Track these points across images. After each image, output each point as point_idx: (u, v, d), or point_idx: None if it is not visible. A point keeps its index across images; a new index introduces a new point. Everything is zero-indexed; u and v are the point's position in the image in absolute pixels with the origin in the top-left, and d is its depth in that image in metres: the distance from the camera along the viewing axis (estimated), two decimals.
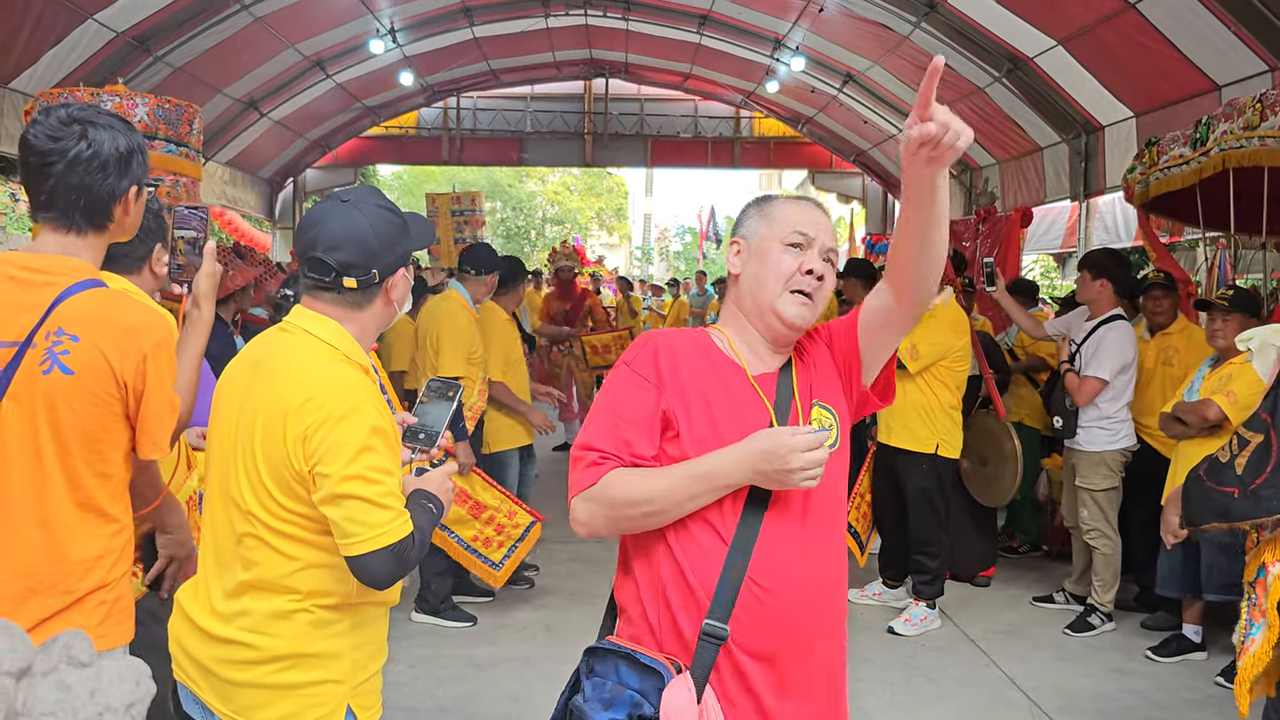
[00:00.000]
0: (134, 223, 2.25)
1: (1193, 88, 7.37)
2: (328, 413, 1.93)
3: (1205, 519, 2.54)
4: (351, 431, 1.93)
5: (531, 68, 15.46)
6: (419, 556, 2.01)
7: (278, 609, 1.99)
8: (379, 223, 2.06)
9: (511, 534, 4.55)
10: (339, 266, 2.02)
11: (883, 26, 10.12)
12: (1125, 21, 7.38)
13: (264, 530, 1.99)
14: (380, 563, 1.92)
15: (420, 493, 2.13)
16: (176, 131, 6.42)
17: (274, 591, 1.99)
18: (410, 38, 12.49)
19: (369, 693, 2.10)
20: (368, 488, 1.91)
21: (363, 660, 2.07)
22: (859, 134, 14.38)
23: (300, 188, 16.21)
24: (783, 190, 32.52)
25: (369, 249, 2.04)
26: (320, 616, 2.00)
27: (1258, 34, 6.38)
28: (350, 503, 1.91)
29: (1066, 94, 9.10)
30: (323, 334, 2.04)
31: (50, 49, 8.09)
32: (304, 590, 1.99)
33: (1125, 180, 6.22)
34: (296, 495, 1.97)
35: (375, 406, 1.99)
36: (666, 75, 15.63)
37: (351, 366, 2.04)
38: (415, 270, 11.35)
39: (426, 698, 4.49)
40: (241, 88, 11.52)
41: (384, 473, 1.95)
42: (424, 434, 2.28)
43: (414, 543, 1.97)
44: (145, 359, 2.08)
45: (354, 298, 2.07)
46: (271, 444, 1.96)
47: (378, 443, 1.96)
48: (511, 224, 35.53)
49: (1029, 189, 10.72)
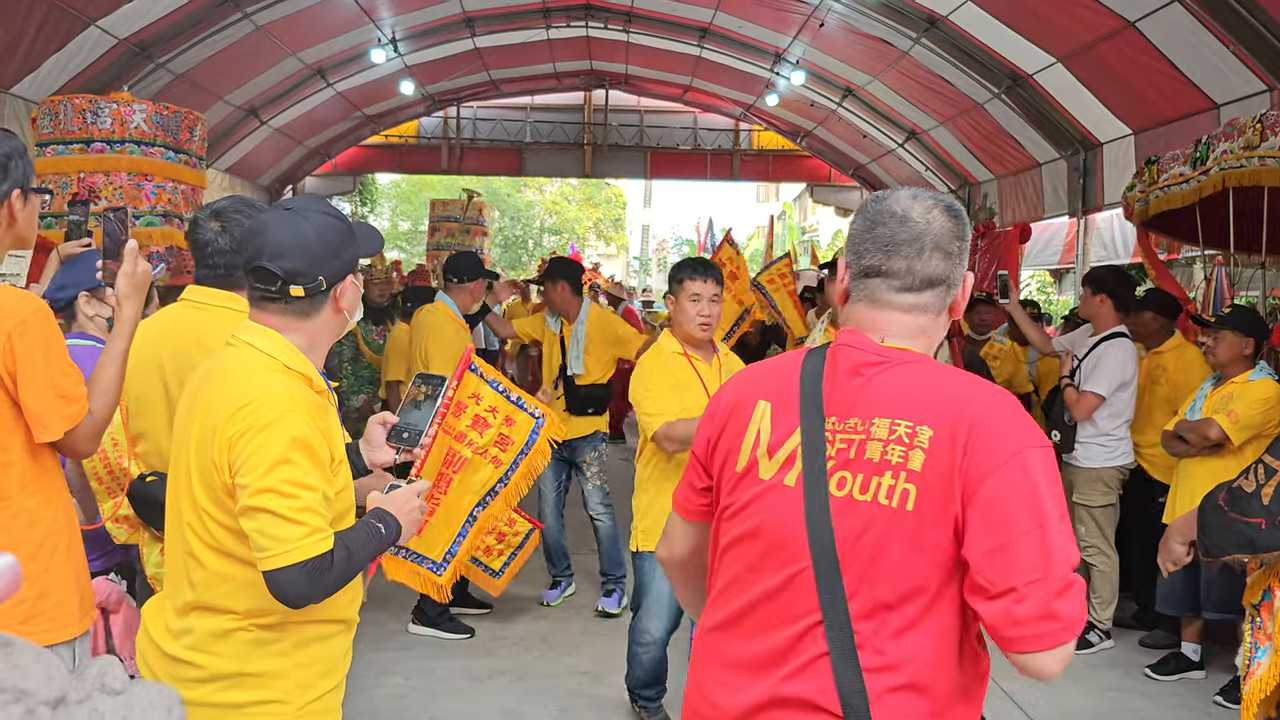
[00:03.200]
0: (27, 227, 2.27)
1: (1191, 106, 7.40)
2: (250, 422, 1.89)
3: (1228, 550, 2.49)
4: (271, 443, 1.88)
5: (532, 78, 15.50)
6: (344, 576, 1.95)
7: (218, 628, 1.96)
8: (324, 229, 2.02)
9: (511, 541, 4.54)
10: (285, 275, 1.98)
11: (883, 42, 10.15)
12: (1125, 40, 7.42)
13: (200, 546, 1.97)
14: (290, 579, 1.86)
15: (376, 511, 2.09)
16: (176, 138, 6.42)
17: (215, 610, 1.97)
18: (411, 47, 12.52)
19: (319, 713, 2.04)
20: (280, 501, 1.86)
21: (310, 680, 2.02)
22: (858, 148, 14.42)
23: (299, 195, 16.21)
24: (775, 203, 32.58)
25: (314, 255, 1.99)
26: (259, 635, 1.97)
27: (1257, 54, 6.41)
28: (262, 516, 1.86)
29: (1066, 111, 9.14)
30: (261, 344, 2.00)
31: (52, 55, 8.09)
32: (241, 609, 1.96)
33: (1125, 198, 6.24)
34: (226, 508, 1.93)
35: (304, 418, 1.94)
36: (666, 87, 15.68)
37: (289, 377, 1.99)
38: (415, 278, 11.38)
39: (423, 711, 4.48)
40: (242, 95, 11.53)
41: (301, 486, 1.89)
42: (407, 433, 2.25)
43: (333, 561, 1.90)
44: (10, 338, 2.09)
45: (301, 306, 2.02)
46: (204, 457, 1.94)
47: (298, 455, 1.90)
48: (509, 233, 35.55)
49: (1027, 205, 10.75)
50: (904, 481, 1.53)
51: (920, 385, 1.60)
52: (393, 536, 2.08)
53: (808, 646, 1.59)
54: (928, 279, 1.66)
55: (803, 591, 1.59)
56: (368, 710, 4.50)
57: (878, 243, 1.67)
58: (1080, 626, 1.49)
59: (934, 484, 1.52)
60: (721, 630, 1.73)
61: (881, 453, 1.56)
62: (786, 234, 27.99)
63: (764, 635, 1.64)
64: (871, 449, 1.57)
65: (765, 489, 1.66)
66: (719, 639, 1.73)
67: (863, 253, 1.69)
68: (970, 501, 1.50)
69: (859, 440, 1.58)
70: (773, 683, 1.61)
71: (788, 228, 29.22)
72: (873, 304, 1.68)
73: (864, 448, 1.57)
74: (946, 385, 1.60)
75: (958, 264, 1.68)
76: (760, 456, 1.68)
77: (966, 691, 1.60)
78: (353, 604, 2.14)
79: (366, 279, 7.35)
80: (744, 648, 1.67)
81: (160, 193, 6.30)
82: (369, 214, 26.86)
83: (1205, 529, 2.57)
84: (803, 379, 1.68)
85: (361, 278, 2.20)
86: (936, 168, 12.66)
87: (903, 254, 1.65)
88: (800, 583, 1.59)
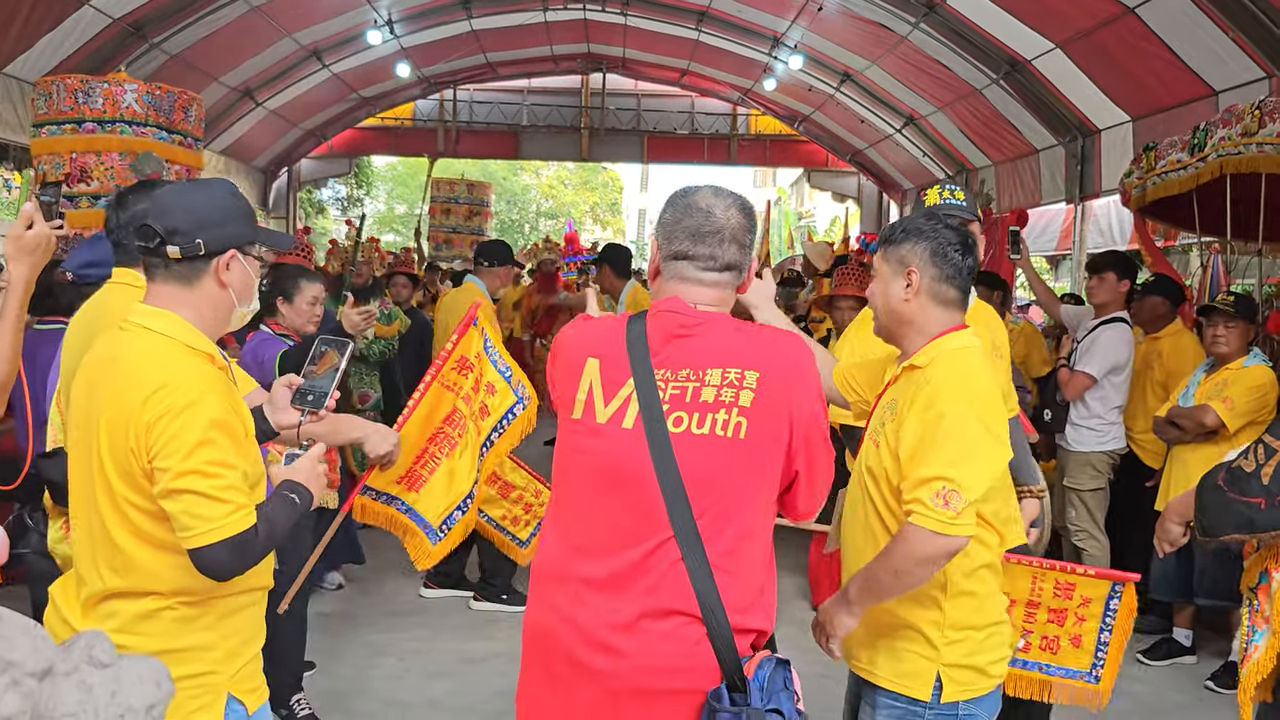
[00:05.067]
0: None
1: (1190, 93, 7.38)
2: (166, 406, 1.92)
3: (1226, 530, 2.49)
4: (189, 425, 1.92)
5: (529, 61, 15.43)
6: (266, 548, 2.02)
7: (144, 609, 2.01)
8: (218, 199, 2.07)
9: (538, 512, 4.57)
10: (164, 232, 2.00)
11: (881, 26, 10.11)
12: (1124, 26, 7.39)
13: (121, 534, 1.99)
14: (216, 556, 1.92)
15: (286, 483, 2.14)
16: (169, 119, 6.38)
17: (139, 594, 2.01)
18: (408, 29, 12.45)
19: (249, 676, 2.14)
20: (204, 482, 1.91)
21: (236, 648, 2.10)
22: (855, 133, 14.38)
23: (295, 177, 16.16)
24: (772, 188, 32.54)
25: (198, 218, 2.02)
26: (185, 613, 2.02)
27: (1256, 41, 6.39)
28: (187, 497, 1.91)
29: (1064, 97, 9.11)
30: (158, 327, 2.02)
31: (46, 34, 8.04)
32: (167, 590, 2.00)
33: (1123, 184, 6.23)
34: (145, 493, 1.97)
35: (218, 398, 1.99)
36: (664, 71, 15.61)
37: (194, 357, 2.03)
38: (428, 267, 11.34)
39: (417, 693, 4.49)
40: (237, 76, 11.48)
41: (223, 466, 1.94)
42: (312, 395, 2.25)
43: (257, 535, 1.97)
44: None
45: (182, 272, 2.04)
46: (117, 443, 1.96)
47: (217, 435, 1.95)
48: (505, 217, 35.46)
49: (1025, 191, 10.74)
50: (737, 416, 1.92)
51: (738, 339, 2.00)
52: (306, 503, 2.14)
53: (662, 560, 1.91)
54: (726, 264, 2.05)
55: (654, 513, 1.91)
56: (363, 691, 4.51)
57: (686, 232, 2.04)
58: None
59: (763, 417, 1.93)
60: (574, 555, 1.99)
61: (716, 395, 1.94)
62: (782, 220, 27.96)
63: (620, 554, 1.93)
64: (706, 393, 1.94)
65: (604, 432, 1.97)
66: (571, 562, 1.99)
67: (673, 239, 2.05)
68: (797, 427, 1.96)
69: (694, 386, 1.95)
70: (636, 596, 1.91)
71: (783, 214, 29.19)
72: (683, 280, 2.05)
73: (699, 392, 1.94)
74: (760, 337, 2.04)
75: (747, 253, 2.09)
76: (596, 404, 1.99)
77: (771, 565, 2.05)
78: (265, 570, 2.20)
79: (350, 259, 7.33)
80: (600, 567, 1.95)
81: (154, 174, 6.27)
82: (365, 196, 26.79)
83: (1203, 509, 2.57)
84: (630, 339, 2.01)
85: (257, 265, 2.17)
86: (934, 153, 12.64)
87: (707, 243, 2.03)
88: (650, 506, 1.91)
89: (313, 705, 4.19)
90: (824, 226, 27.51)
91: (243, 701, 2.10)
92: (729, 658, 1.88)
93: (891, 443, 2.25)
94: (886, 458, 2.28)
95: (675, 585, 1.89)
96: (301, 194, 17.22)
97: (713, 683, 1.88)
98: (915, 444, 2.18)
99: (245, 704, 2.11)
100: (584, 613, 1.94)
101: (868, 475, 2.36)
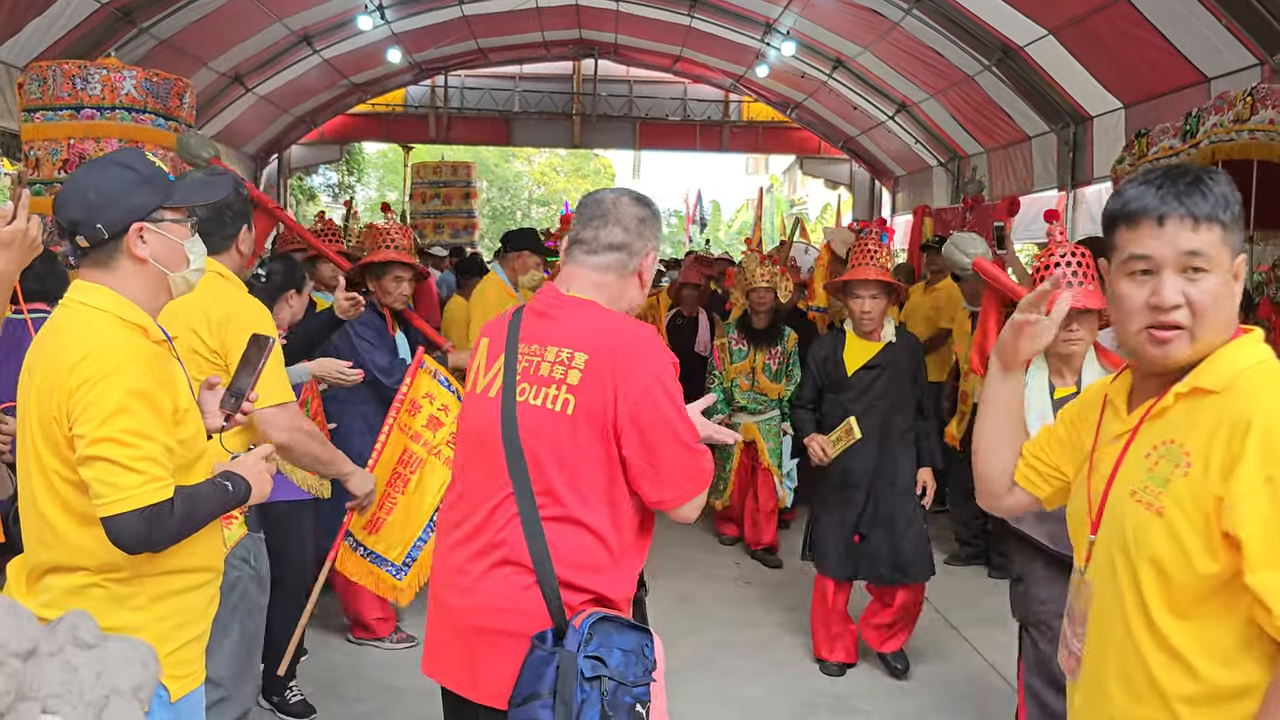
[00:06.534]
0: None
1: (1182, 80, 7.39)
2: (88, 374, 1.94)
3: None
4: (108, 393, 1.93)
5: (520, 47, 15.37)
6: (185, 526, 2.01)
7: (74, 585, 2.02)
8: (104, 179, 2.06)
9: None
10: (68, 226, 2.05)
11: (874, 12, 10.09)
12: (1117, 12, 7.39)
13: (49, 506, 2.02)
14: (127, 526, 1.92)
15: (224, 472, 2.16)
16: (165, 105, 6.34)
17: (68, 569, 2.03)
18: (399, 14, 12.39)
19: (181, 662, 2.12)
20: (117, 450, 1.92)
21: (167, 632, 2.08)
22: (848, 120, 14.36)
23: (285, 164, 16.09)
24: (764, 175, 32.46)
25: (89, 205, 2.03)
26: (115, 591, 2.03)
27: (1248, 27, 6.39)
28: (100, 464, 1.92)
29: (1056, 84, 9.11)
30: (93, 301, 2.05)
31: (34, 19, 7.98)
32: (93, 564, 2.02)
33: (1114, 171, 6.23)
34: (68, 461, 1.98)
35: (142, 369, 1.99)
36: (656, 57, 15.56)
37: (126, 329, 2.04)
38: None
39: (409, 679, 4.48)
40: (227, 61, 11.40)
41: (139, 436, 1.94)
42: (233, 396, 2.27)
43: (172, 510, 1.96)
44: None
45: (99, 258, 2.07)
46: (45, 412, 1.99)
47: (137, 405, 1.95)
48: (497, 204, 35.37)
49: (1017, 178, 10.74)
50: (565, 393, 2.13)
51: (585, 323, 2.18)
52: (241, 494, 2.14)
53: (503, 515, 2.14)
54: (608, 244, 2.24)
55: (500, 473, 2.15)
56: (355, 677, 4.51)
57: (582, 220, 2.28)
58: (704, 481, 2.20)
59: (588, 395, 2.11)
60: (451, 508, 2.29)
61: (550, 371, 2.15)
62: (775, 207, 27.93)
63: (477, 508, 2.20)
64: (544, 369, 2.16)
65: (480, 400, 2.25)
66: (450, 514, 2.29)
67: (574, 228, 2.30)
68: (621, 410, 2.09)
69: (536, 361, 2.18)
70: (483, 546, 2.16)
71: (775, 201, 29.16)
72: (572, 263, 2.28)
73: (539, 367, 2.17)
74: (603, 323, 2.19)
75: (637, 238, 2.26)
76: (479, 378, 2.28)
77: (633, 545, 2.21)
78: (211, 553, 2.20)
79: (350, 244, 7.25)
80: (465, 520, 2.22)
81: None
82: (356, 183, 26.68)
83: None
84: (512, 320, 2.28)
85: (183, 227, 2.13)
86: (926, 140, 12.63)
87: (593, 226, 2.26)
88: (498, 466, 2.15)
89: (304, 691, 4.19)
90: (816, 214, 27.49)
91: (166, 687, 2.08)
92: (555, 607, 2.08)
93: (1188, 508, 1.56)
94: (1185, 532, 1.56)
95: (512, 538, 2.12)
96: (292, 180, 17.15)
97: (541, 627, 2.08)
98: (1268, 520, 1.48)
99: (169, 690, 2.09)
100: (451, 558, 2.23)
101: (1137, 558, 1.63)
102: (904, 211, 13.94)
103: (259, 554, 3.22)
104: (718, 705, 4.40)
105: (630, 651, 2.05)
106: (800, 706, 4.43)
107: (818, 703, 4.47)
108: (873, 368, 4.59)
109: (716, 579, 6.16)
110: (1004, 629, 5.35)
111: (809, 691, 4.57)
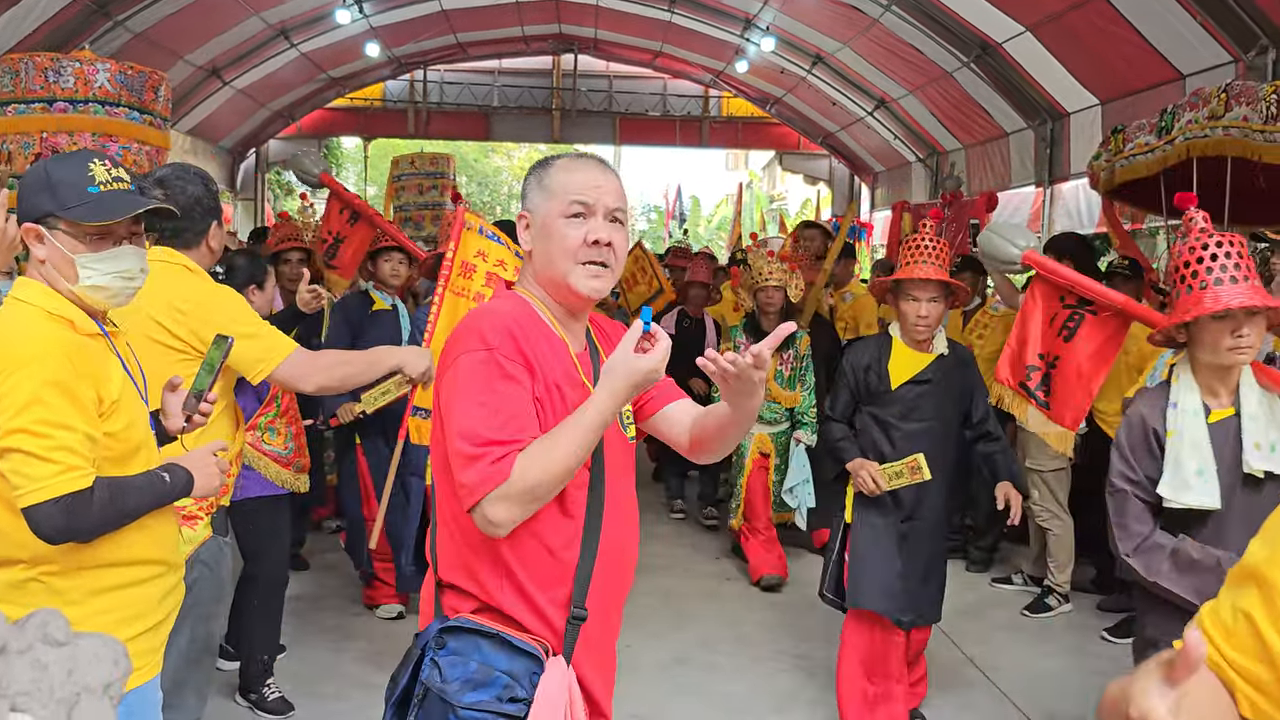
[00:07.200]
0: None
1: (1158, 77, 7.44)
2: (3, 366, 1.97)
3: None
4: (22, 384, 1.95)
5: (499, 41, 15.30)
6: (108, 516, 2.01)
7: (13, 579, 2.04)
8: (30, 173, 2.14)
9: None
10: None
11: (853, 8, 10.10)
12: (1093, 10, 7.43)
13: None
14: (44, 515, 1.93)
15: (167, 464, 2.17)
16: (140, 99, 6.28)
17: (8, 563, 2.03)
18: (377, 8, 12.31)
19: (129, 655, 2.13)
20: (31, 440, 1.94)
21: (110, 625, 2.07)
22: (827, 116, 14.39)
23: (263, 158, 15.97)
24: (744, 171, 32.51)
25: (20, 198, 2.13)
26: (53, 585, 2.04)
27: (1223, 25, 6.44)
28: (15, 456, 1.94)
29: (1034, 80, 9.16)
30: (24, 295, 2.09)
31: (7, 11, 7.88)
32: (26, 557, 2.02)
33: (1090, 167, 6.26)
34: None
35: (61, 361, 1.99)
36: (636, 52, 15.54)
37: (51, 321, 2.06)
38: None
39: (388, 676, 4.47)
40: (204, 55, 11.30)
41: (54, 426, 1.95)
42: (194, 396, 2.29)
43: (92, 499, 1.97)
44: None
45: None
46: None
47: (52, 395, 1.96)
48: (477, 199, 35.26)
49: (994, 174, 10.79)
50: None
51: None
52: (180, 486, 2.15)
53: None
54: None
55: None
56: (334, 674, 4.50)
57: None
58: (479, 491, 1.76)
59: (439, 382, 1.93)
60: None
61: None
62: (754, 203, 27.97)
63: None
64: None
65: None
66: None
67: None
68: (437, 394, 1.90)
69: None
70: None
71: (755, 197, 29.21)
72: None
73: None
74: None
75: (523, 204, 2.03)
76: None
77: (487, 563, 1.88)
78: (161, 546, 2.19)
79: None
80: None
81: (125, 154, 6.15)
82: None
83: None
84: None
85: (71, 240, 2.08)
86: (905, 136, 12.67)
87: None
88: None
89: (283, 689, 4.17)
90: (795, 209, 27.55)
91: None
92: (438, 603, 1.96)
93: None
94: None
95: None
96: (270, 175, 17.03)
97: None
98: None
99: None
100: None
101: None
102: (883, 207, 13.97)
103: (220, 559, 3.20)
104: (698, 701, 4.41)
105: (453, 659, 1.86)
106: (780, 702, 4.44)
107: (798, 698, 4.49)
108: (921, 382, 3.88)
109: (697, 575, 6.17)
110: (982, 622, 5.40)
111: (789, 687, 4.59)
